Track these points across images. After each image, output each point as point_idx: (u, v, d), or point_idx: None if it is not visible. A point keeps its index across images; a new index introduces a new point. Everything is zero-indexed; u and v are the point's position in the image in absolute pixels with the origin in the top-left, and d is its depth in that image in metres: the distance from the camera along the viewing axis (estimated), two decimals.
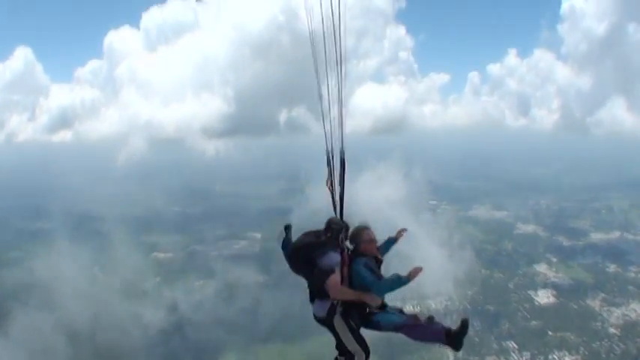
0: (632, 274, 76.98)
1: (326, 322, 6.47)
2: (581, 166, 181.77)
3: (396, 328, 6.59)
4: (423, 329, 6.52)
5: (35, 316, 61.53)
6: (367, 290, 6.36)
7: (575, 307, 68.77)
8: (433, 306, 68.31)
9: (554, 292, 72.42)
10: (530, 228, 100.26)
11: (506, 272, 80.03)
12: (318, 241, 6.40)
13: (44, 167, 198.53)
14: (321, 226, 6.51)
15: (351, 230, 6.71)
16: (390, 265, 6.56)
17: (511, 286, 75.84)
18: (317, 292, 6.43)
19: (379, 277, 6.41)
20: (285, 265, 6.87)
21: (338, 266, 6.27)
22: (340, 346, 6.50)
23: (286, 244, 6.71)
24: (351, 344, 6.40)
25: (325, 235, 6.42)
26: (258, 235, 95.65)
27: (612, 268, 79.38)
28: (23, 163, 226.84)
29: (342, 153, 6.64)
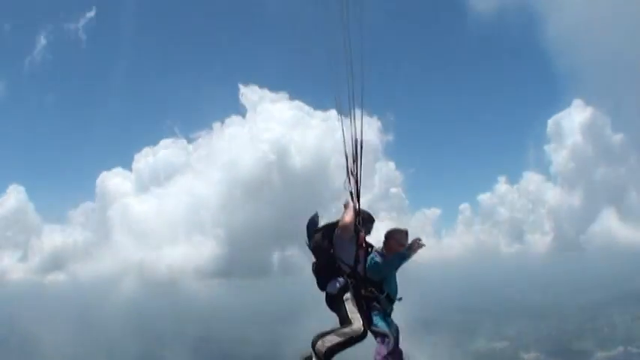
0: None
1: (336, 298, 7.16)
2: (579, 284, 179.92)
3: (377, 334, 7.12)
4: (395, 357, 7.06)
5: None
6: (382, 276, 7.22)
7: None
8: None
9: None
10: (532, 356, 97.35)
11: None
12: (339, 221, 7.37)
13: (35, 308, 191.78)
14: None
15: (392, 227, 7.61)
16: None
17: None
18: (330, 269, 7.27)
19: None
20: None
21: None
22: (343, 318, 7.11)
23: (314, 225, 7.58)
24: (355, 317, 7.00)
25: None
26: None
27: None
28: (14, 303, 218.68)
29: (357, 142, 7.39)
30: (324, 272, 7.37)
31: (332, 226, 7.47)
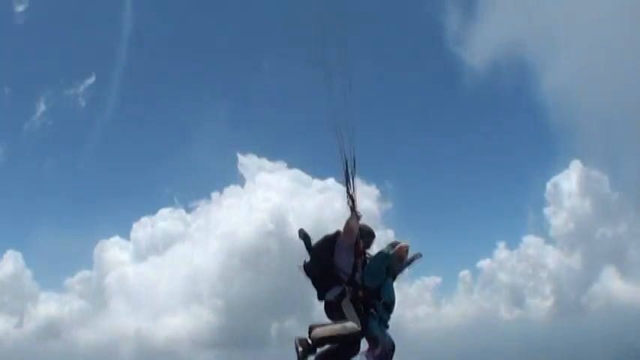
0: None
1: (335, 305, 7.30)
2: (581, 346, 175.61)
3: (370, 338, 7.19)
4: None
5: None
6: (377, 281, 7.34)
7: None
8: None
9: None
10: None
11: None
12: (339, 232, 7.60)
13: None
14: None
15: (394, 240, 7.72)
16: None
17: None
18: (330, 278, 7.44)
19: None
20: None
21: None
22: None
23: (309, 240, 7.70)
24: (354, 320, 7.11)
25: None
26: None
27: None
28: None
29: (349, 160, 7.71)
30: (322, 281, 7.55)
31: (330, 238, 7.71)
